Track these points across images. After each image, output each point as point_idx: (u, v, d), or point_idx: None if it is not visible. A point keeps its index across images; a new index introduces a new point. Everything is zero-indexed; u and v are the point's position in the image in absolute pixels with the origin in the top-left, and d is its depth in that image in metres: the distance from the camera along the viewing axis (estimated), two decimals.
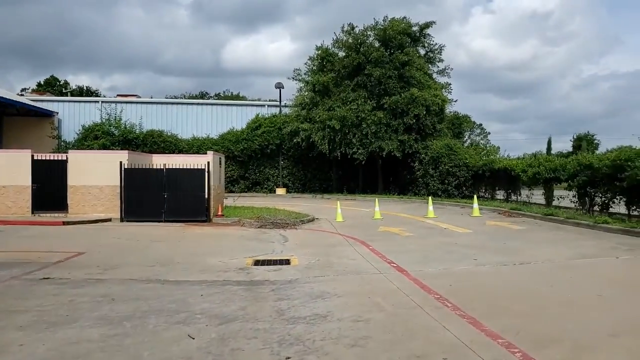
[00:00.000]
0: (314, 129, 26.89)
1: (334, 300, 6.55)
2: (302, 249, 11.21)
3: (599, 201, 14.76)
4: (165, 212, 16.57)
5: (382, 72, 26.40)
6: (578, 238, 11.39)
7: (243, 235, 13.71)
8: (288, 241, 12.59)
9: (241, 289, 7.31)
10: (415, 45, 28.70)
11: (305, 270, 8.67)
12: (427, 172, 25.67)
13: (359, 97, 26.64)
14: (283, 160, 31.31)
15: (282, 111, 32.33)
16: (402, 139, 26.36)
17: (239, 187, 31.42)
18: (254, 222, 16.01)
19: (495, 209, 18.35)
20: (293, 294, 6.95)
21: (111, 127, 29.13)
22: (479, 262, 8.91)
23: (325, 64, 28.50)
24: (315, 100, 27.77)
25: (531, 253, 9.68)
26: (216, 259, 9.83)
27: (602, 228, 12.18)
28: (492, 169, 22.05)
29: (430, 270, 8.36)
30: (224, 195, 20.61)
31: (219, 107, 36.21)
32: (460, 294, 6.65)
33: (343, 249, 11.05)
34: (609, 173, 13.61)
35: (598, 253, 9.42)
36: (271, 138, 30.45)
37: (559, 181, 16.89)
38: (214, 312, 6.01)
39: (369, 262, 9.25)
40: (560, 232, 12.44)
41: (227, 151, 30.25)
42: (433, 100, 25.93)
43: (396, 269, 8.57)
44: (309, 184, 31.61)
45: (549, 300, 6.30)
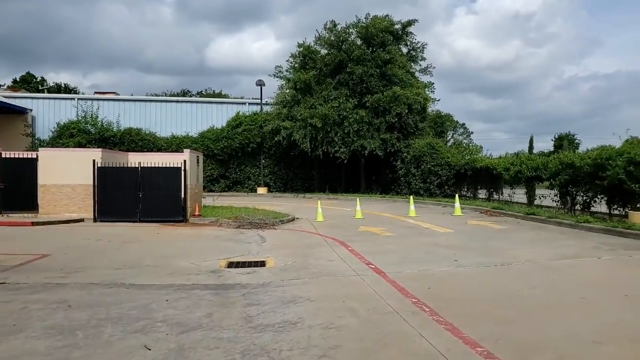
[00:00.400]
0: (296, 127, 26.51)
1: (306, 305, 6.21)
2: (280, 250, 10.85)
3: (581, 200, 14.66)
4: (140, 212, 16.06)
5: (364, 70, 26.13)
6: (560, 238, 11.21)
7: (219, 236, 13.29)
8: (266, 242, 12.21)
9: (210, 293, 6.93)
10: (398, 43, 28.49)
11: (280, 273, 8.31)
12: (409, 171, 25.48)
13: (341, 95, 26.33)
14: (264, 159, 30.87)
15: (264, 109, 31.89)
16: (384, 137, 26.12)
17: (219, 187, 30.90)
18: (232, 222, 15.59)
19: (477, 208, 18.20)
20: (264, 298, 6.58)
21: (87, 124, 28.38)
22: (459, 263, 8.65)
23: (307, 61, 28.13)
24: (297, 98, 27.40)
25: (512, 253, 9.45)
26: (188, 261, 9.42)
27: (584, 227, 12.04)
28: (474, 168, 21.93)
29: (409, 272, 8.06)
30: (202, 194, 20.13)
31: (199, 104, 35.58)
32: (438, 298, 6.35)
33: (321, 249, 10.71)
34: (590, 172, 13.50)
35: (580, 253, 9.23)
36: (252, 136, 29.98)
37: (540, 180, 16.78)
38: (177, 319, 5.62)
39: (346, 264, 8.92)
40: (542, 232, 12.27)
41: (207, 150, 29.74)
42: (415, 98, 25.74)
43: (374, 270, 8.26)
44: (291, 184, 31.23)
45: (531, 304, 6.03)
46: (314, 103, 26.61)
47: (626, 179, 11.86)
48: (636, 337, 4.82)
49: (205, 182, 30.87)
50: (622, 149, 12.53)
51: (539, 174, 16.57)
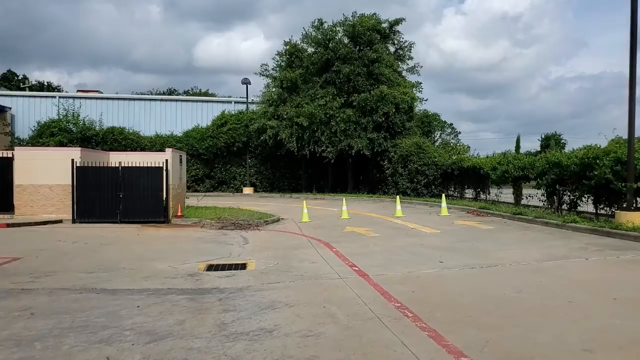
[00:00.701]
0: (282, 126, 26.19)
1: (284, 311, 5.92)
2: (262, 251, 10.55)
3: (568, 200, 14.55)
4: (120, 213, 15.66)
5: (351, 69, 25.89)
6: (547, 238, 11.05)
7: (201, 237, 12.95)
8: (248, 243, 11.91)
9: (185, 298, 6.61)
10: (385, 42, 28.28)
11: (260, 276, 8.01)
12: (397, 171, 25.30)
13: (327, 94, 26.06)
14: (250, 158, 30.50)
15: (250, 108, 31.51)
16: (372, 137, 25.91)
17: (204, 187, 30.48)
18: (215, 223, 15.27)
19: (464, 208, 18.04)
20: (241, 304, 6.29)
21: (69, 123, 27.77)
22: (445, 265, 8.42)
23: (293, 59, 27.82)
24: (283, 97, 27.08)
25: (499, 255, 9.25)
26: (166, 264, 9.09)
27: (571, 227, 11.90)
28: (461, 168, 21.80)
29: (393, 275, 7.81)
30: (185, 194, 19.74)
31: (184, 103, 35.11)
32: (422, 302, 6.11)
33: (305, 251, 10.44)
34: (577, 171, 13.38)
35: (567, 254, 9.05)
36: (237, 135, 29.59)
37: (527, 180, 16.66)
38: (146, 327, 5.31)
39: (330, 266, 8.65)
40: (529, 232, 12.11)
41: (191, 149, 29.33)
42: (402, 98, 25.56)
43: (358, 273, 8.00)
44: (278, 183, 30.90)
45: (518, 308, 5.81)
46: (300, 102, 26.30)
47: (613, 178, 11.73)
48: (626, 344, 4.61)
49: (190, 182, 30.46)
50: (608, 148, 12.41)
51: (526, 173, 16.45)
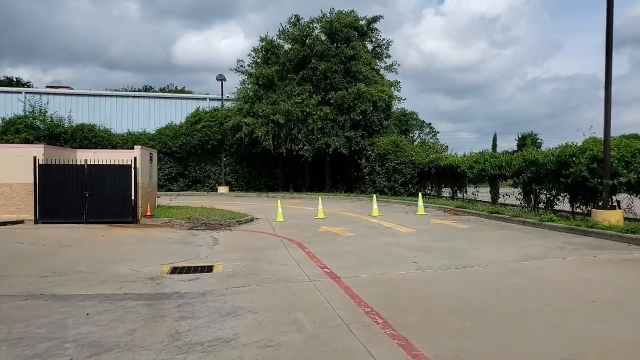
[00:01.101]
0: (258, 124, 25.67)
1: (246, 318, 5.50)
2: (231, 253, 10.10)
3: (544, 198, 14.43)
4: (86, 213, 14.99)
5: (328, 66, 25.52)
6: (524, 237, 10.84)
7: (169, 238, 12.43)
8: (218, 244, 11.45)
9: (141, 304, 6.14)
10: (363, 39, 27.96)
11: (226, 279, 7.58)
12: (374, 170, 25.03)
13: (304, 91, 25.63)
14: (225, 156, 29.89)
15: (225, 105, 30.88)
16: (349, 135, 25.57)
17: (177, 186, 29.78)
18: (185, 223, 14.74)
19: (441, 207, 17.85)
20: (201, 310, 5.85)
21: (35, 120, 26.74)
22: (419, 266, 8.10)
23: (269, 56, 27.31)
24: (259, 94, 26.56)
25: (475, 255, 8.98)
26: (127, 267, 8.58)
27: (548, 226, 11.73)
28: (438, 166, 21.64)
29: (365, 277, 7.45)
30: (156, 193, 19.11)
31: (157, 100, 34.27)
32: (394, 306, 5.76)
33: (276, 252, 10.02)
34: (554, 169, 13.25)
35: (544, 254, 8.82)
36: (212, 133, 28.94)
37: (504, 178, 16.52)
38: (91, 338, 4.83)
39: (300, 268, 8.26)
40: (505, 231, 11.91)
41: (164, 147, 28.63)
42: (380, 96, 25.28)
43: (329, 275, 7.63)
44: (254, 182, 30.35)
45: (493, 312, 5.49)
46: (276, 99, 25.82)
47: (589, 176, 11.61)
48: (607, 351, 4.32)
49: (163, 180, 29.73)
50: (584, 146, 12.30)
51: (502, 172, 16.32)
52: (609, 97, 10.90)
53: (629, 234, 9.48)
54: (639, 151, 10.91)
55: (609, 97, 10.89)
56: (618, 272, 7.40)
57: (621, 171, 10.89)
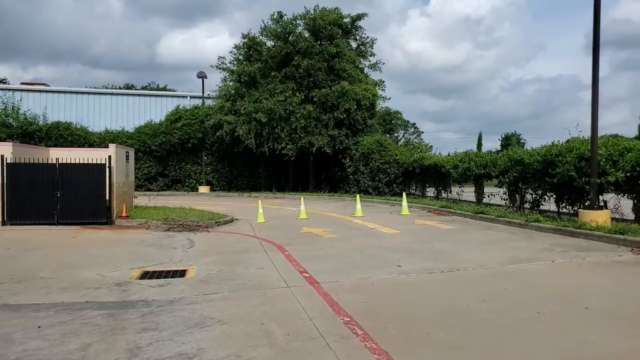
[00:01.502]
0: (239, 122, 25.12)
1: (215, 329, 5.05)
2: (207, 256, 9.63)
3: (530, 198, 14.18)
4: (58, 214, 14.37)
5: (311, 64, 25.07)
6: (510, 238, 10.54)
7: (143, 240, 11.89)
8: (194, 247, 10.97)
9: (101, 314, 5.65)
10: (347, 37, 27.57)
11: (198, 285, 7.11)
12: (358, 169, 24.66)
13: (287, 89, 25.14)
14: (206, 155, 29.25)
15: (206, 103, 30.24)
16: (333, 134, 25.15)
17: (157, 185, 29.09)
18: (161, 225, 14.20)
19: (425, 207, 17.54)
20: (166, 320, 5.38)
21: (8, 117, 25.81)
22: (403, 270, 7.71)
23: (252, 53, 26.77)
24: (241, 92, 26.01)
25: (461, 257, 8.63)
26: (95, 272, 8.06)
27: (534, 227, 11.45)
28: (423, 166, 21.35)
29: (346, 282, 7.04)
30: (133, 193, 18.48)
31: (137, 98, 33.44)
32: (375, 315, 5.35)
33: (254, 255, 9.57)
34: (540, 169, 13.00)
35: (532, 256, 8.50)
36: (192, 131, 28.28)
37: (489, 177, 16.26)
38: (39, 355, 4.35)
39: (278, 272, 7.81)
40: (491, 232, 11.60)
41: (143, 145, 27.96)
42: (364, 94, 24.91)
43: (307, 280, 7.20)
44: (236, 182, 29.77)
45: (481, 321, 5.11)
46: (259, 97, 25.29)
47: (576, 175, 11.36)
48: None
49: (142, 180, 29.04)
50: (571, 145, 12.05)
51: (488, 171, 16.06)
52: (596, 95, 10.66)
53: (617, 235, 9.22)
54: (626, 149, 10.69)
55: (596, 95, 10.65)
56: (609, 276, 7.09)
57: (609, 170, 10.65)
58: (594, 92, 10.67)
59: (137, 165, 28.73)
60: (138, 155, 28.71)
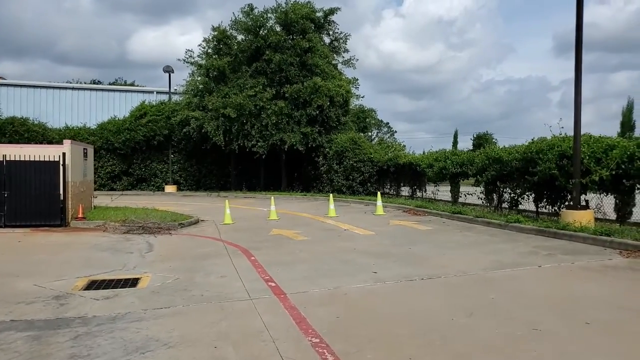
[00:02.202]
0: (207, 118, 24.06)
1: (158, 355, 4.24)
2: (165, 262, 8.76)
3: (508, 197, 13.70)
4: (5, 216, 13.26)
5: (283, 58, 24.21)
6: (491, 240, 9.96)
7: (98, 244, 10.92)
8: (152, 251, 10.06)
9: (25, 338, 4.76)
10: (319, 32, 26.78)
11: (149, 297, 6.26)
12: (332, 168, 23.93)
13: (258, 84, 24.20)
14: (173, 153, 28.05)
15: (173, 98, 29.03)
16: (305, 131, 24.35)
17: (121, 185, 27.77)
18: (120, 227, 13.20)
19: (400, 207, 16.94)
20: (102, 344, 4.53)
21: None
22: (379, 277, 7.00)
23: (221, 46, 25.72)
24: (209, 87, 24.95)
25: (441, 262, 7.97)
26: (33, 281, 7.12)
27: (515, 228, 10.92)
28: (397, 164, 20.78)
29: (317, 292, 6.29)
30: (92, 193, 17.30)
31: (100, 93, 31.87)
32: (349, 334, 4.62)
33: (217, 261, 8.73)
34: (519, 167, 12.51)
35: (517, 260, 7.90)
36: (158, 128, 27.03)
37: (466, 176, 15.75)
38: None
39: (242, 281, 7.02)
40: (470, 234, 11.01)
41: (106, 143, 26.65)
42: (337, 90, 24.18)
43: (274, 290, 6.42)
44: (204, 181, 28.66)
45: (472, 341, 4.42)
46: (228, 92, 24.27)
47: (558, 174, 10.87)
48: None
49: (105, 179, 27.74)
50: (552, 142, 11.57)
51: (464, 170, 15.54)
52: (579, 88, 10.19)
53: (603, 237, 8.73)
54: (610, 147, 10.23)
55: (579, 89, 10.17)
56: (604, 283, 6.52)
57: (593, 168, 10.18)
58: (576, 86, 10.20)
59: (100, 164, 27.39)
60: (101, 153, 27.40)
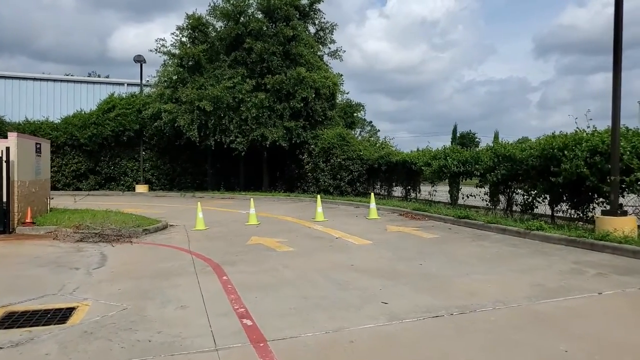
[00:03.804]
0: (180, 111, 22.02)
1: None
2: (115, 282, 6.91)
3: (521, 200, 12.09)
4: None
5: (265, 47, 22.30)
6: (516, 253, 8.27)
7: (39, 257, 9.00)
8: (104, 266, 8.20)
9: None
10: (304, 20, 24.93)
11: (75, 343, 4.44)
12: (318, 166, 22.10)
13: (236, 75, 22.23)
14: (145, 150, 25.91)
15: (145, 91, 26.87)
16: (289, 126, 22.46)
17: (88, 184, 25.57)
18: (74, 234, 11.28)
19: (395, 209, 15.26)
20: None
21: None
22: (393, 310, 5.24)
23: (197, 34, 23.69)
24: (183, 77, 22.90)
25: (467, 285, 6.24)
26: None
27: (538, 237, 9.27)
28: (390, 163, 19.11)
29: (312, 338, 4.50)
30: (48, 194, 15.21)
31: (65, 84, 29.43)
32: None
33: (180, 282, 6.90)
34: (536, 165, 10.90)
35: (564, 284, 6.19)
36: (128, 122, 24.85)
37: (470, 175, 14.11)
38: None
39: (207, 317, 5.21)
40: (487, 244, 9.33)
41: (71, 138, 24.48)
42: (323, 82, 22.36)
43: (250, 335, 4.63)
44: (179, 180, 26.56)
45: None
46: (204, 83, 22.26)
47: (588, 173, 9.27)
48: None
49: (71, 178, 25.54)
50: (579, 136, 9.98)
51: (468, 168, 13.89)
52: (618, 73, 8.56)
53: None
54: None
55: (618, 72, 8.54)
56: None
57: (636, 165, 8.60)
58: (615, 69, 8.58)
59: (64, 161, 25.21)
60: (65, 149, 25.22)
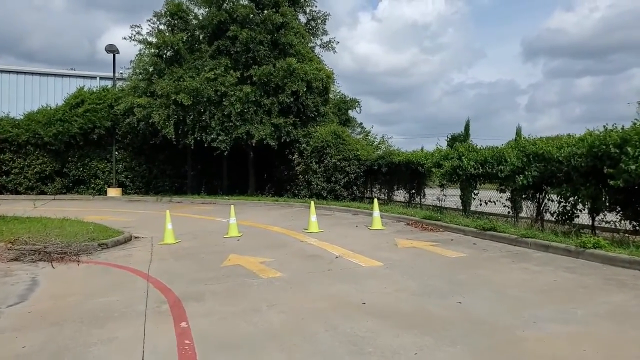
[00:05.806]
0: (155, 106, 19.71)
1: None
2: (24, 332, 4.76)
3: (557, 208, 10.02)
4: None
5: (251, 35, 20.08)
6: (582, 283, 6.16)
7: None
8: (26, 300, 6.11)
9: None
10: (295, 7, 22.75)
11: None
12: (310, 167, 19.88)
13: (219, 66, 19.99)
14: (118, 149, 23.51)
15: (118, 85, 24.52)
16: (278, 122, 20.23)
17: (54, 187, 23.14)
18: (7, 251, 9.04)
19: (401, 218, 13.18)
20: None
21: None
22: None
23: (176, 22, 21.42)
24: (160, 68, 20.62)
25: (544, 345, 4.10)
26: None
27: (597, 257, 7.19)
28: (391, 163, 17.01)
29: None
30: None
31: (29, 76, 26.93)
32: None
33: (119, 332, 4.73)
34: (582, 166, 8.85)
35: None
36: (99, 119, 22.42)
37: (490, 178, 12.01)
38: None
39: None
40: (532, 267, 7.22)
41: (34, 136, 22.14)
42: (315, 74, 20.19)
43: None
44: (156, 183, 24.16)
45: None
46: (182, 75, 20.00)
47: None
48: None
49: (34, 181, 23.13)
50: None
51: (488, 170, 11.80)
52: None
53: None
54: None
55: None
56: None
57: None
58: None
59: (26, 162, 22.83)
60: (27, 149, 22.84)
